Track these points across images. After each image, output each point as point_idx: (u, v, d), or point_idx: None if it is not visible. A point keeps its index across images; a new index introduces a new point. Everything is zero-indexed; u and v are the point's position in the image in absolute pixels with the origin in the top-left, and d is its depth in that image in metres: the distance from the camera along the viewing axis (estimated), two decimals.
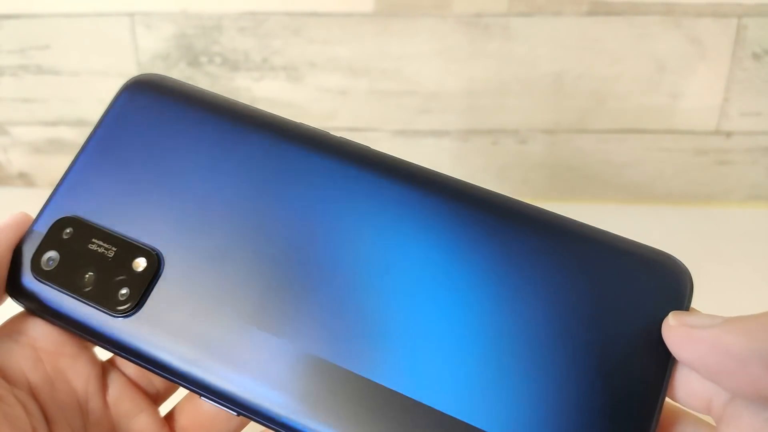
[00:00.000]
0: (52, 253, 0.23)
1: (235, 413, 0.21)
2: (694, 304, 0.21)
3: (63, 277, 0.23)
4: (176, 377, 0.22)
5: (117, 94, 0.25)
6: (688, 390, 0.19)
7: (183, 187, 0.23)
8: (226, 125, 0.24)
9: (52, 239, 0.23)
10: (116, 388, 0.24)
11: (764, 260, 0.49)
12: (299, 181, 0.23)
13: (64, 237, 0.23)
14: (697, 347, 0.18)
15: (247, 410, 0.21)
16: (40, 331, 0.23)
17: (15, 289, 0.23)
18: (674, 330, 0.19)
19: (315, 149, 0.23)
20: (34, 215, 0.26)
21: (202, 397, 0.21)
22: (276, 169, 0.23)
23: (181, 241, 0.23)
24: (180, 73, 0.51)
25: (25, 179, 0.56)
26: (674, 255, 0.21)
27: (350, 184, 0.23)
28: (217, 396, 0.21)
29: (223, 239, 0.23)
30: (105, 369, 0.25)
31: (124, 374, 0.25)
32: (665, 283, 0.20)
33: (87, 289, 0.23)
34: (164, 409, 0.26)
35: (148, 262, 0.23)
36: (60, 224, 0.24)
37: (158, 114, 0.24)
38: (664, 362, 0.19)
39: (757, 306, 0.46)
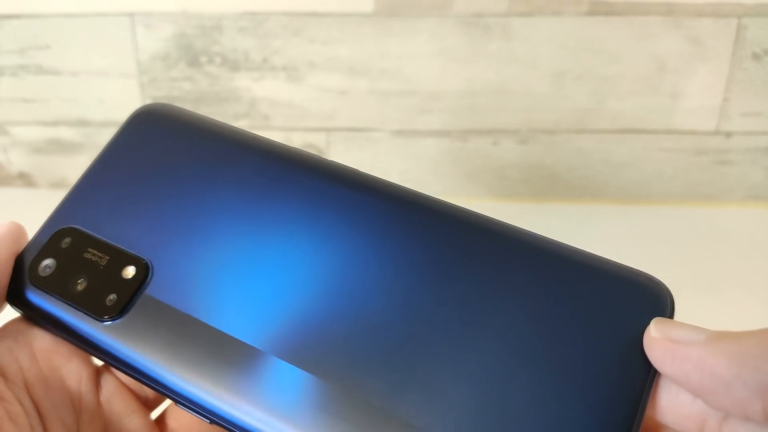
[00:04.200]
0: (49, 261, 0.24)
1: (208, 421, 0.21)
2: (693, 305, 0.21)
3: (57, 284, 0.24)
4: (152, 383, 0.22)
5: (126, 120, 0.27)
6: (679, 412, 0.19)
7: (179, 206, 0.24)
8: (224, 152, 0.25)
9: (50, 248, 0.24)
10: (109, 388, 0.25)
11: (763, 260, 0.49)
12: (286, 201, 0.24)
13: (63, 246, 0.24)
14: (681, 365, 0.18)
15: (219, 419, 0.21)
16: (37, 331, 0.24)
17: (13, 295, 0.24)
18: (657, 343, 0.19)
19: (304, 171, 0.24)
20: (34, 215, 0.26)
21: (178, 404, 0.22)
22: (266, 190, 0.24)
23: (171, 254, 0.23)
24: (180, 73, 0.51)
25: (25, 179, 0.56)
26: (673, 256, 0.21)
27: (337, 203, 0.23)
28: (190, 403, 0.21)
29: (212, 254, 0.23)
30: (99, 371, 0.25)
31: (116, 377, 0.25)
32: (646, 303, 0.20)
33: (78, 295, 0.23)
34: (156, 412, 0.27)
35: (137, 269, 0.23)
36: (60, 234, 0.24)
37: (161, 140, 0.26)
38: (644, 378, 0.19)
39: (755, 306, 0.46)
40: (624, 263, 0.21)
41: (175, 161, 0.25)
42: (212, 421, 0.21)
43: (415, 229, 0.22)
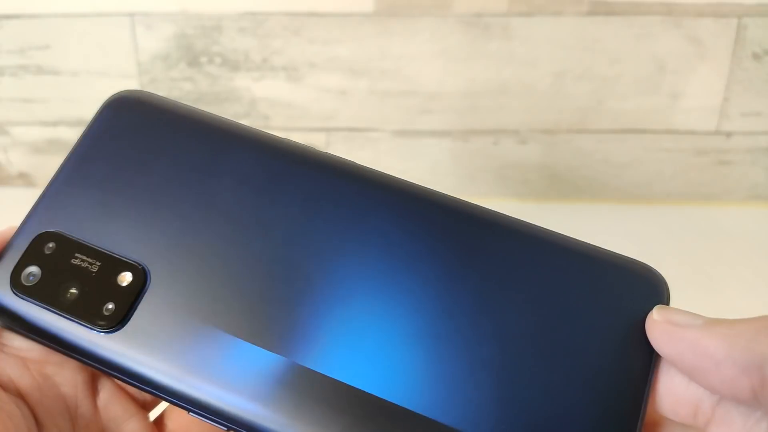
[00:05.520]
0: (33, 269, 0.23)
1: (225, 428, 0.21)
2: (693, 304, 0.21)
3: (45, 293, 0.22)
4: (163, 393, 0.21)
5: (99, 110, 0.25)
6: (674, 397, 0.20)
7: (167, 202, 0.23)
8: (209, 140, 0.24)
9: (32, 254, 0.23)
10: (106, 393, 0.24)
11: (764, 260, 0.49)
12: (282, 194, 0.23)
13: (46, 252, 0.23)
14: (678, 345, 0.19)
15: (236, 424, 0.20)
16: (24, 341, 0.23)
17: None
18: (657, 325, 0.20)
19: (298, 163, 0.23)
20: None
21: (191, 413, 0.21)
22: (259, 183, 0.23)
23: (166, 256, 0.22)
24: (180, 73, 0.51)
25: (25, 179, 0.56)
26: (674, 256, 0.21)
27: (333, 197, 0.23)
28: (206, 411, 0.21)
29: (209, 253, 0.22)
30: (95, 375, 0.25)
31: (113, 381, 0.25)
32: (643, 290, 0.21)
33: (70, 305, 0.22)
34: (154, 413, 0.26)
35: (134, 276, 0.22)
36: (41, 239, 0.23)
37: (140, 130, 0.24)
38: (646, 364, 0.20)
39: (756, 305, 0.46)
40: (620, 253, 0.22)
41: (157, 153, 0.24)
42: (229, 428, 0.21)
43: (416, 221, 0.22)
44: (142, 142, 0.24)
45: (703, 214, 0.53)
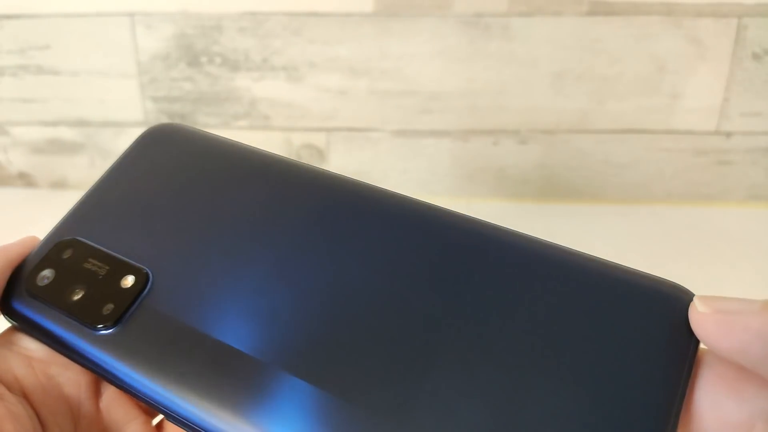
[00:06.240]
0: (47, 272, 0.24)
1: None
2: None
3: (54, 294, 0.23)
4: (144, 397, 0.21)
5: (136, 139, 0.27)
6: (723, 423, 0.18)
7: (183, 220, 0.24)
8: (228, 168, 0.25)
9: (50, 259, 0.24)
10: (109, 395, 0.24)
11: (764, 260, 0.49)
12: (289, 213, 0.24)
13: (63, 257, 0.24)
14: (741, 336, 0.17)
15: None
16: (32, 341, 0.24)
17: (7, 306, 0.24)
18: (708, 318, 0.17)
19: (305, 184, 0.24)
20: (34, 215, 0.26)
21: (170, 419, 0.21)
22: (269, 203, 0.24)
23: (172, 265, 0.23)
24: (180, 73, 0.51)
25: (25, 179, 0.56)
26: (673, 256, 0.20)
27: (342, 215, 0.23)
28: (185, 420, 0.21)
29: (214, 265, 0.23)
30: (98, 378, 0.25)
31: None
32: (675, 309, 0.19)
33: (74, 305, 0.23)
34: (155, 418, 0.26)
35: (136, 279, 0.23)
36: (61, 245, 0.24)
37: (169, 159, 0.26)
38: (679, 382, 0.19)
39: None
40: (642, 269, 0.21)
41: (181, 179, 0.25)
42: None
43: (428, 241, 0.22)
44: (169, 170, 0.26)
45: (703, 214, 0.53)
